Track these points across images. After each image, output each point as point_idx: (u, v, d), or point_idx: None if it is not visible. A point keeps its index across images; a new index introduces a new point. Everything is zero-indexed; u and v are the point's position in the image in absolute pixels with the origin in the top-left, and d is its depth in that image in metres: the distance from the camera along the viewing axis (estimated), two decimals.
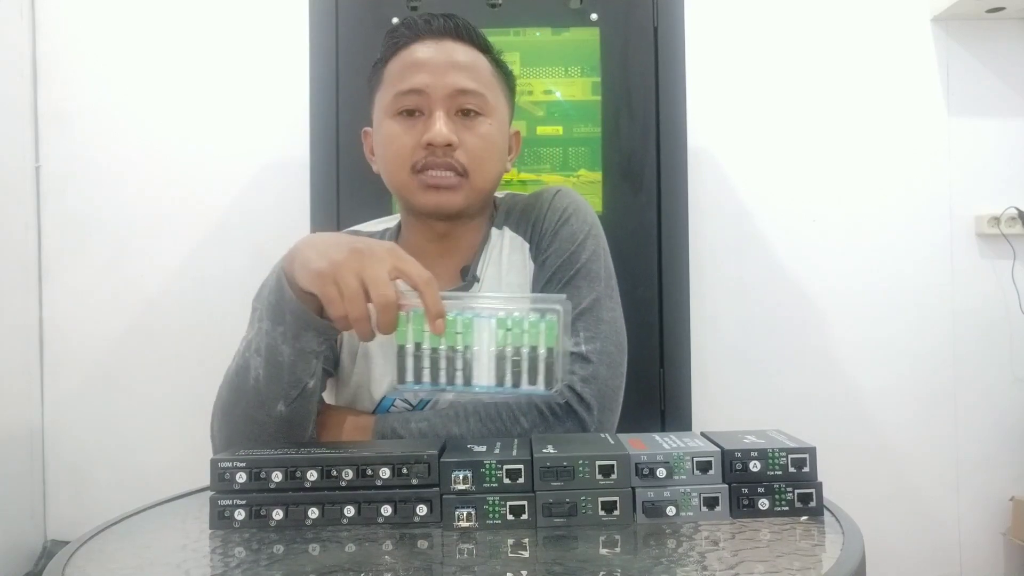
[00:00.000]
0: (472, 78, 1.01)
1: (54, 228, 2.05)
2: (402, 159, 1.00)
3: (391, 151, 1.01)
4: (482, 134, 1.01)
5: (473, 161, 1.00)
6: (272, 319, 0.88)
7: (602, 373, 0.95)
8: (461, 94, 0.99)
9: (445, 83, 0.99)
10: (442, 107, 0.99)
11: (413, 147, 0.99)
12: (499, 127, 1.04)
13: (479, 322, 0.78)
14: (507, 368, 0.78)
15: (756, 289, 2.05)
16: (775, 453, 0.73)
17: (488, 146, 1.02)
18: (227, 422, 0.92)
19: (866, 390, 2.05)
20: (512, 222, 1.07)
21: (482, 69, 1.03)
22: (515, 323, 0.78)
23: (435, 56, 1.00)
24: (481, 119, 1.01)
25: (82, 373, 2.04)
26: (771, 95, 2.05)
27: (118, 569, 0.67)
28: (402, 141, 0.99)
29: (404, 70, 1.00)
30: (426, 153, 0.98)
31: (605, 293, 1.01)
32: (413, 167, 0.99)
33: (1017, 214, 2.02)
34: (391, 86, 1.01)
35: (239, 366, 0.91)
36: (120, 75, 2.05)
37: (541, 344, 0.78)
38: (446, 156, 0.98)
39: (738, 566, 0.61)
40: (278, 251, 1.15)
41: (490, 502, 0.72)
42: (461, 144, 0.99)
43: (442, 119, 0.98)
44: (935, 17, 2.04)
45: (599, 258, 1.02)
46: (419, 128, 0.99)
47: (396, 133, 1.00)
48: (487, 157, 1.02)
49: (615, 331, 0.99)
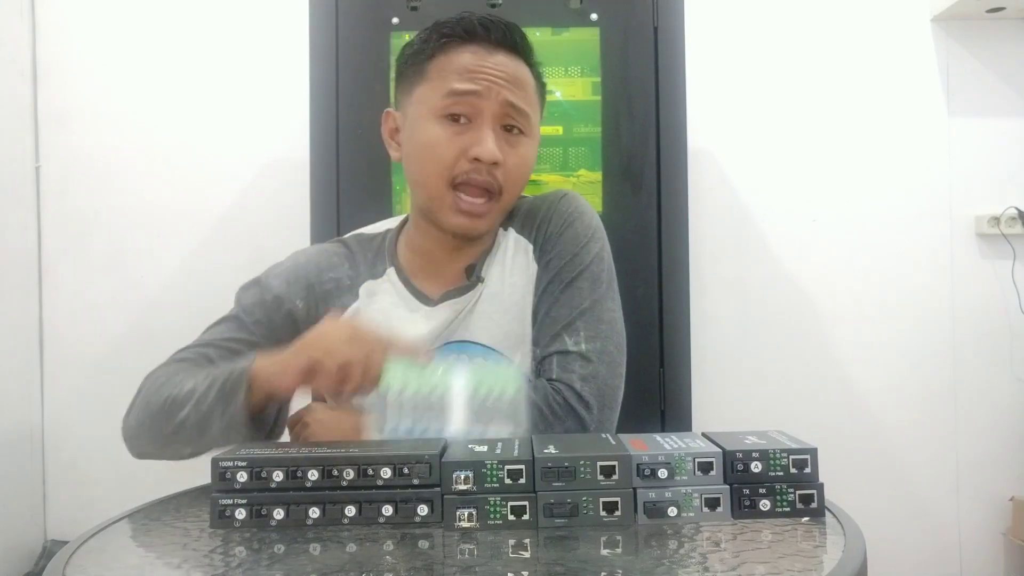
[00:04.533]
0: (522, 96, 0.99)
1: (54, 228, 2.05)
2: (442, 167, 0.97)
3: (431, 156, 0.98)
4: (522, 154, 1.00)
5: (510, 181, 0.99)
6: (220, 398, 0.88)
7: (602, 372, 0.95)
8: (512, 109, 0.98)
9: (499, 96, 0.97)
10: (491, 120, 0.97)
11: (456, 158, 0.97)
12: (535, 146, 1.04)
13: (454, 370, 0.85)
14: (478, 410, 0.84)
15: (756, 289, 2.05)
16: (776, 454, 0.73)
17: (525, 167, 1.02)
18: (141, 421, 0.97)
19: (866, 390, 2.05)
20: (517, 224, 1.07)
21: (530, 87, 1.01)
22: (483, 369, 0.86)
23: (492, 66, 0.97)
24: (523, 139, 1.00)
25: (82, 373, 2.04)
26: (771, 95, 2.05)
27: (118, 569, 0.67)
28: (445, 148, 0.97)
29: (457, 72, 0.97)
30: (470, 168, 0.97)
31: (607, 295, 1.01)
32: (452, 180, 0.98)
33: (1017, 214, 2.02)
34: (440, 84, 0.98)
35: (173, 400, 0.92)
36: (120, 75, 2.05)
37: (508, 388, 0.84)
38: (489, 174, 0.97)
39: (739, 567, 0.61)
40: (278, 251, 1.15)
41: (491, 502, 0.72)
42: (503, 162, 0.98)
43: (491, 135, 0.96)
44: (935, 17, 2.04)
45: (602, 260, 1.03)
46: (464, 138, 0.97)
47: (439, 139, 0.97)
48: (523, 177, 1.02)
49: (615, 331, 1.00)
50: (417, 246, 1.07)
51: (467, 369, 0.85)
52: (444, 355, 1.01)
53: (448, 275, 1.05)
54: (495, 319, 1.01)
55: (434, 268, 1.05)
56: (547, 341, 0.98)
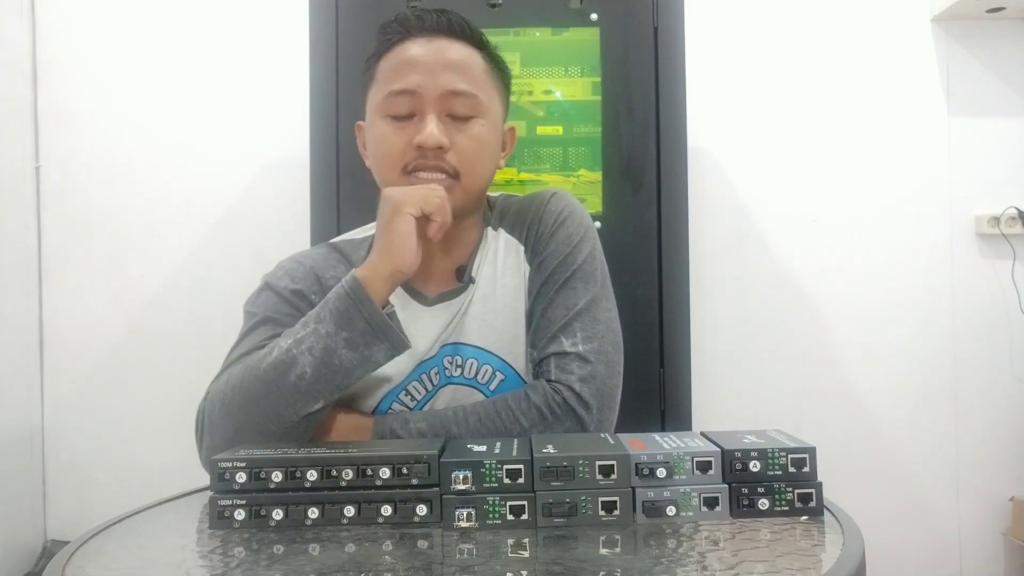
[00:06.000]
0: (465, 79, 1.00)
1: (54, 228, 2.05)
2: (393, 160, 0.99)
3: (382, 151, 1.01)
4: (474, 135, 1.00)
5: (464, 163, 0.99)
6: (338, 324, 0.89)
7: (600, 372, 0.95)
8: (453, 96, 0.99)
9: (437, 84, 0.98)
10: (433, 109, 0.98)
11: (404, 148, 0.98)
12: (492, 126, 1.03)
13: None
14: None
15: (756, 289, 2.05)
16: (775, 453, 0.73)
17: (480, 147, 1.01)
18: (243, 414, 0.90)
19: (866, 390, 2.05)
20: (507, 224, 1.07)
21: (475, 67, 1.02)
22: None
23: (427, 55, 0.99)
24: (473, 120, 1.00)
25: (82, 373, 2.04)
26: (771, 95, 2.05)
27: (118, 569, 0.67)
28: (392, 142, 0.99)
29: (396, 69, 1.00)
30: (417, 155, 0.98)
31: (601, 294, 1.01)
32: (404, 168, 0.99)
33: (1017, 214, 2.02)
34: (383, 85, 1.01)
35: (280, 361, 0.89)
36: (120, 75, 2.06)
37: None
38: (437, 159, 0.98)
39: (738, 566, 0.61)
40: (278, 251, 1.15)
41: (490, 502, 0.72)
42: (453, 146, 0.98)
43: (433, 121, 0.97)
44: (935, 17, 2.04)
45: (595, 259, 1.02)
46: (410, 129, 0.99)
47: (387, 134, 1.00)
48: (479, 158, 1.01)
49: (611, 331, 1.00)
50: None
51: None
52: (439, 358, 1.01)
53: (439, 276, 1.05)
54: (488, 320, 1.01)
55: (424, 268, 1.05)
56: (544, 343, 0.98)
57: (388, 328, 0.89)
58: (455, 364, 1.01)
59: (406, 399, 1.01)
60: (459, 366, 1.01)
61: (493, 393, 1.00)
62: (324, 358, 0.88)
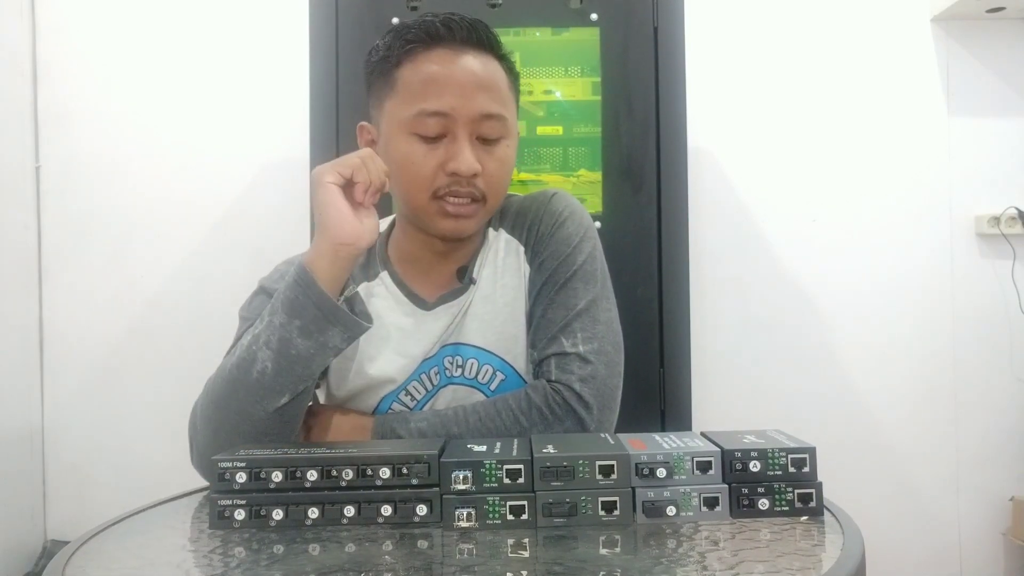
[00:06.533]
0: (495, 99, 0.98)
1: (54, 228, 2.05)
2: (422, 183, 0.97)
3: (410, 174, 0.97)
4: (500, 158, 0.99)
5: (491, 187, 0.99)
6: (289, 313, 0.88)
7: (601, 372, 0.95)
8: (485, 119, 0.96)
9: (471, 107, 0.95)
10: (466, 132, 0.96)
11: (434, 171, 0.96)
12: (514, 145, 1.03)
13: None
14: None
15: (756, 289, 2.05)
16: (775, 453, 0.73)
17: (506, 171, 1.01)
18: (216, 416, 0.90)
19: (866, 390, 2.05)
20: (508, 224, 1.07)
21: (502, 85, 1.00)
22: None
23: (461, 75, 0.96)
24: (501, 142, 0.99)
25: (82, 373, 2.04)
26: (771, 95, 2.05)
27: (118, 569, 0.67)
28: (423, 164, 0.96)
29: (426, 85, 0.95)
30: (450, 180, 0.96)
31: (602, 294, 1.01)
32: (434, 193, 0.97)
33: (1017, 214, 2.02)
34: (411, 101, 0.96)
35: (241, 359, 0.90)
36: (120, 75, 2.05)
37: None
38: (469, 185, 0.97)
39: (738, 566, 0.61)
40: (278, 251, 1.15)
41: (490, 502, 0.72)
42: (483, 171, 0.97)
43: (467, 147, 0.95)
44: (935, 17, 2.04)
45: (595, 259, 1.02)
46: (440, 152, 0.96)
47: (416, 155, 0.96)
48: (505, 181, 1.02)
49: (612, 331, 1.00)
50: (406, 250, 1.07)
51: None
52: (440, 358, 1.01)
53: (440, 278, 1.05)
54: (488, 321, 1.01)
55: (425, 271, 1.05)
56: (544, 343, 0.98)
57: (338, 311, 0.87)
58: (455, 364, 1.01)
59: (406, 399, 1.01)
60: (459, 366, 1.01)
61: (493, 393, 1.00)
62: (281, 349, 0.87)
